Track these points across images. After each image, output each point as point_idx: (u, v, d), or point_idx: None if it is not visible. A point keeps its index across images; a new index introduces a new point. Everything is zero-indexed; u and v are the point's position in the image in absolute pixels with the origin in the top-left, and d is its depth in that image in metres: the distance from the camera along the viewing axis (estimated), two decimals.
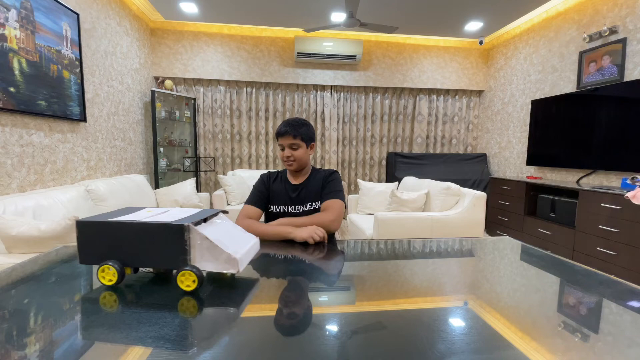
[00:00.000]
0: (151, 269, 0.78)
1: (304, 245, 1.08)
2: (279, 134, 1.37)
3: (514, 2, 3.39)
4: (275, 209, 1.39)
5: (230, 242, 0.72)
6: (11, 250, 1.54)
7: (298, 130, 1.35)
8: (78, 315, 0.58)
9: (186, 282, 0.67)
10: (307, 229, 1.12)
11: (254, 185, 1.43)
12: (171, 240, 0.67)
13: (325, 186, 1.38)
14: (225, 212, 0.86)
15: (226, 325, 0.55)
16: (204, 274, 0.71)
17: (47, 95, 2.24)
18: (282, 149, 1.38)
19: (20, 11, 2.01)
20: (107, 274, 0.69)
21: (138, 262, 0.70)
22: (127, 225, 0.69)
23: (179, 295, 0.66)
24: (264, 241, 1.10)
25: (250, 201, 1.37)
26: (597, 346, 0.51)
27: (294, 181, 1.43)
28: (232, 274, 0.76)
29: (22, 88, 2.03)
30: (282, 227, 1.17)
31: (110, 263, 0.68)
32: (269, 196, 1.41)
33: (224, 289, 0.69)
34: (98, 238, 0.70)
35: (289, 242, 1.11)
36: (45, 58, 2.23)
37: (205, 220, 0.74)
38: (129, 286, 0.71)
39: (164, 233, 0.67)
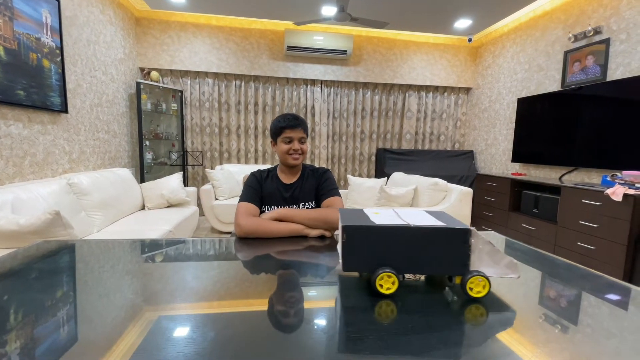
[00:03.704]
0: (420, 276, 0.75)
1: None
2: (287, 127, 1.31)
3: (503, 1, 3.43)
4: (269, 210, 1.34)
5: None
6: None
7: (305, 125, 1.36)
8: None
9: (476, 288, 0.64)
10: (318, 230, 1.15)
11: (246, 183, 1.38)
12: (456, 245, 0.65)
13: (322, 185, 1.37)
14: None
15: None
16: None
17: (26, 84, 2.16)
18: (287, 142, 1.32)
19: None
20: (386, 282, 0.64)
21: (412, 268, 0.66)
22: (404, 230, 0.65)
23: (463, 301, 0.64)
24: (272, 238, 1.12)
25: (247, 199, 1.30)
26: (576, 337, 0.52)
27: (286, 180, 1.39)
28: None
29: (0, 77, 1.95)
30: (296, 225, 1.15)
31: (388, 270, 0.64)
32: (262, 198, 1.36)
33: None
34: (367, 244, 0.66)
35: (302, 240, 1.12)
36: (24, 46, 2.14)
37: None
38: (402, 294, 0.66)
39: (448, 238, 0.65)
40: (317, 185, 1.38)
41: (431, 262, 0.66)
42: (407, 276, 0.75)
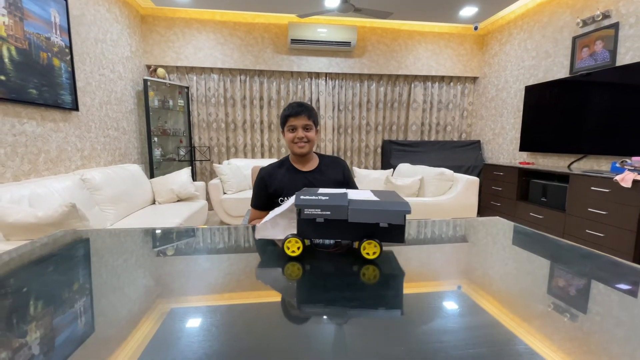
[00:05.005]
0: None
1: None
2: (290, 115, 1.30)
3: None
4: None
5: None
6: (9, 238, 1.55)
7: (311, 112, 1.32)
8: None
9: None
10: None
11: (254, 183, 1.38)
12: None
13: (349, 179, 1.42)
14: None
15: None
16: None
17: (38, 83, 2.22)
18: (292, 131, 1.31)
19: None
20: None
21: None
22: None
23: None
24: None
25: (253, 204, 1.39)
26: (585, 325, 0.51)
27: (303, 168, 1.37)
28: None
29: (13, 76, 2.01)
30: None
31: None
32: (276, 190, 1.34)
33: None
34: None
35: None
36: (35, 45, 2.19)
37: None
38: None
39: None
40: (344, 179, 1.42)
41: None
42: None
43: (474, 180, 2.77)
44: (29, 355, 0.42)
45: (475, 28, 4.28)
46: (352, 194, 0.81)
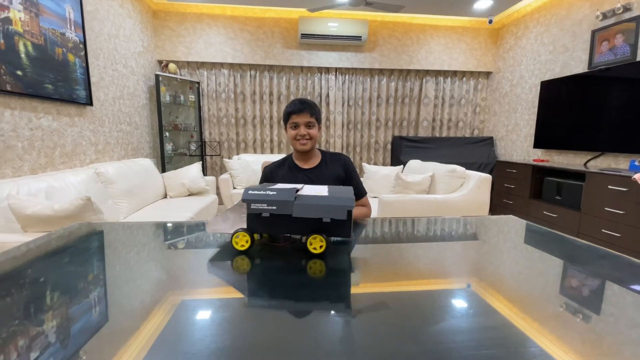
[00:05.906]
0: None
1: None
2: (293, 112, 1.31)
3: None
4: None
5: None
6: (26, 230, 1.60)
7: (314, 109, 1.32)
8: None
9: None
10: None
11: (259, 181, 1.41)
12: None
13: (351, 175, 1.40)
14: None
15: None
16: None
17: (54, 78, 2.26)
18: (294, 128, 1.32)
19: None
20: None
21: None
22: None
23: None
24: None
25: None
26: (600, 327, 0.50)
27: (305, 165, 1.38)
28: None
29: (29, 71, 2.05)
30: None
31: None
32: None
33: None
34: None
35: None
36: (50, 41, 2.23)
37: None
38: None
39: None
40: (346, 175, 1.41)
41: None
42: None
43: (486, 177, 2.72)
44: (46, 343, 0.43)
45: (490, 21, 4.18)
46: (305, 190, 0.82)
